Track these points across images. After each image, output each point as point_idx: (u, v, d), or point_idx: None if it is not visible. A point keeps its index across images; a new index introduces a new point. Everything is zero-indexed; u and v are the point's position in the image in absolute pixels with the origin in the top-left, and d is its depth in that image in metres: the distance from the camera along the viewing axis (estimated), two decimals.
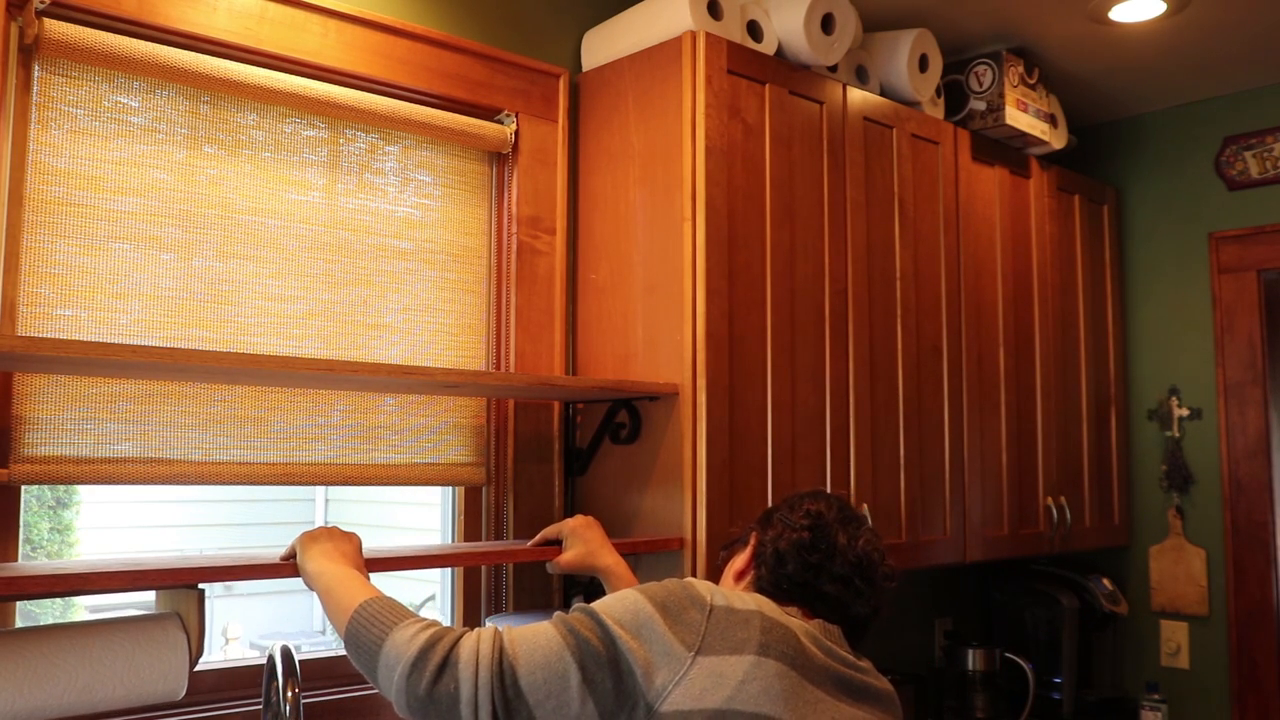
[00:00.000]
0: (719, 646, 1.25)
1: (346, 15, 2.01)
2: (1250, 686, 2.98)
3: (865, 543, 1.45)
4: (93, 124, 1.75)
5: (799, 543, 1.44)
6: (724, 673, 1.23)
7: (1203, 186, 3.18)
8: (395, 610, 1.33)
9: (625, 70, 2.26)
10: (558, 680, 1.23)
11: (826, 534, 1.44)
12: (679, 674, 1.23)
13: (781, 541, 1.45)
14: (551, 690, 1.23)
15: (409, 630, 1.28)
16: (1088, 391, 3.10)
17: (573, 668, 1.23)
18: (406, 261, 2.12)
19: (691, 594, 1.30)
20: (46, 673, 1.36)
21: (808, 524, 1.46)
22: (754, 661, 1.24)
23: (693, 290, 2.08)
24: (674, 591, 1.31)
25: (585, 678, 1.23)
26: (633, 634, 1.26)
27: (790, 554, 1.43)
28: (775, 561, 1.44)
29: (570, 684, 1.23)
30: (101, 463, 1.71)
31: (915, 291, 2.54)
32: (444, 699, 1.22)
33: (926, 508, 2.53)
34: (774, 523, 1.49)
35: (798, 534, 1.45)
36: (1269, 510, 2.99)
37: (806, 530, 1.45)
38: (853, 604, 1.42)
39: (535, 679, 1.23)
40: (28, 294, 1.67)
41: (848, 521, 1.48)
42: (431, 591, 4.45)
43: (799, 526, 1.46)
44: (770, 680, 1.24)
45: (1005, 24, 2.70)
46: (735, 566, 1.52)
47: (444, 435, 2.13)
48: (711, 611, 1.28)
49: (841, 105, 2.40)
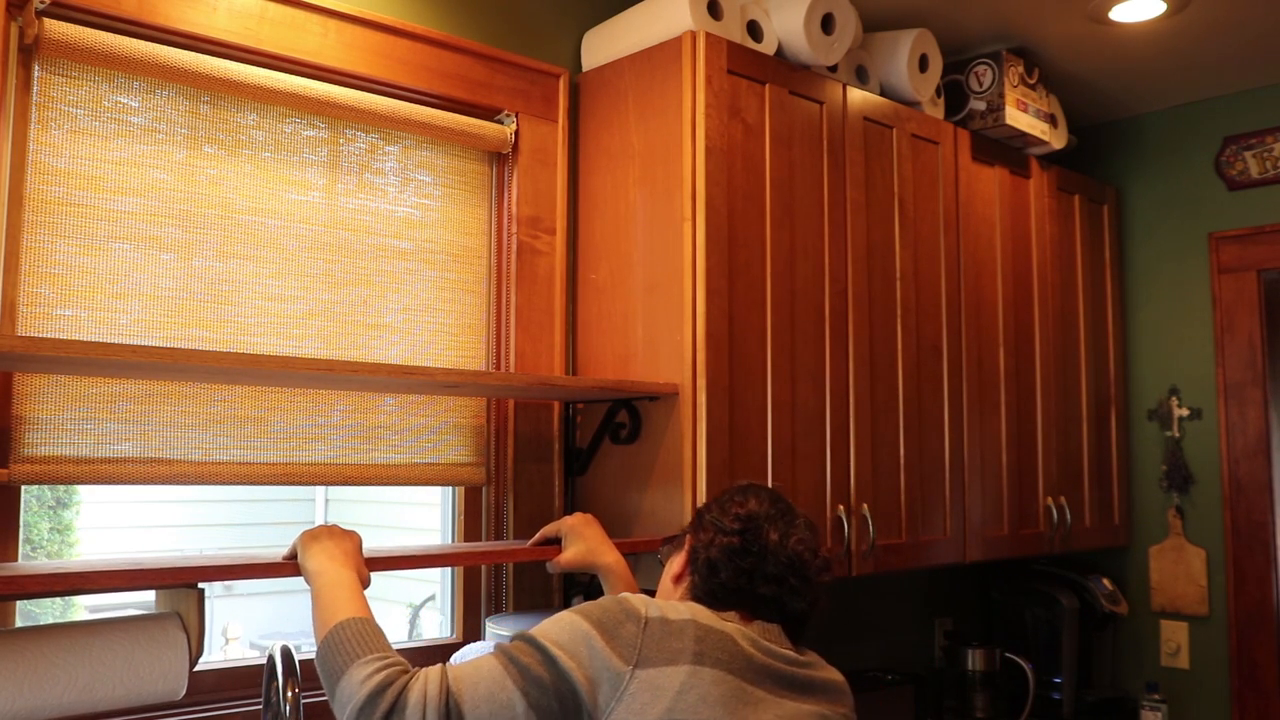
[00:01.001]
0: (655, 658, 1.28)
1: (346, 15, 2.01)
2: (1250, 686, 2.98)
3: (797, 540, 1.45)
4: (93, 124, 1.75)
5: (729, 548, 1.44)
6: (661, 684, 1.26)
7: (1203, 186, 3.18)
8: (362, 640, 1.34)
9: (625, 70, 2.26)
10: (504, 710, 1.26)
11: (757, 536, 1.44)
12: (620, 689, 1.26)
13: (713, 549, 1.45)
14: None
15: (364, 670, 1.29)
16: (1088, 391, 3.10)
17: (517, 697, 1.26)
18: (406, 261, 2.12)
19: (626, 609, 1.32)
20: (46, 672, 1.36)
21: (738, 528, 1.45)
22: (690, 670, 1.27)
23: (693, 290, 2.08)
24: (609, 609, 1.33)
25: (530, 704, 1.26)
26: (571, 655, 1.28)
27: (722, 561, 1.44)
28: (708, 570, 1.45)
29: (517, 711, 1.25)
30: (101, 463, 1.71)
31: (915, 291, 2.54)
32: None
33: (926, 508, 2.53)
34: (705, 525, 1.49)
35: (728, 539, 1.45)
36: (1269, 510, 2.99)
37: (737, 535, 1.45)
38: (789, 602, 1.43)
39: (480, 712, 1.25)
40: (28, 294, 1.67)
41: (779, 517, 1.47)
42: (431, 591, 4.45)
43: (729, 530, 1.46)
44: (707, 688, 1.27)
45: (1005, 24, 2.70)
46: (672, 570, 1.54)
47: (444, 435, 2.13)
48: (646, 624, 1.31)
49: (841, 105, 2.40)
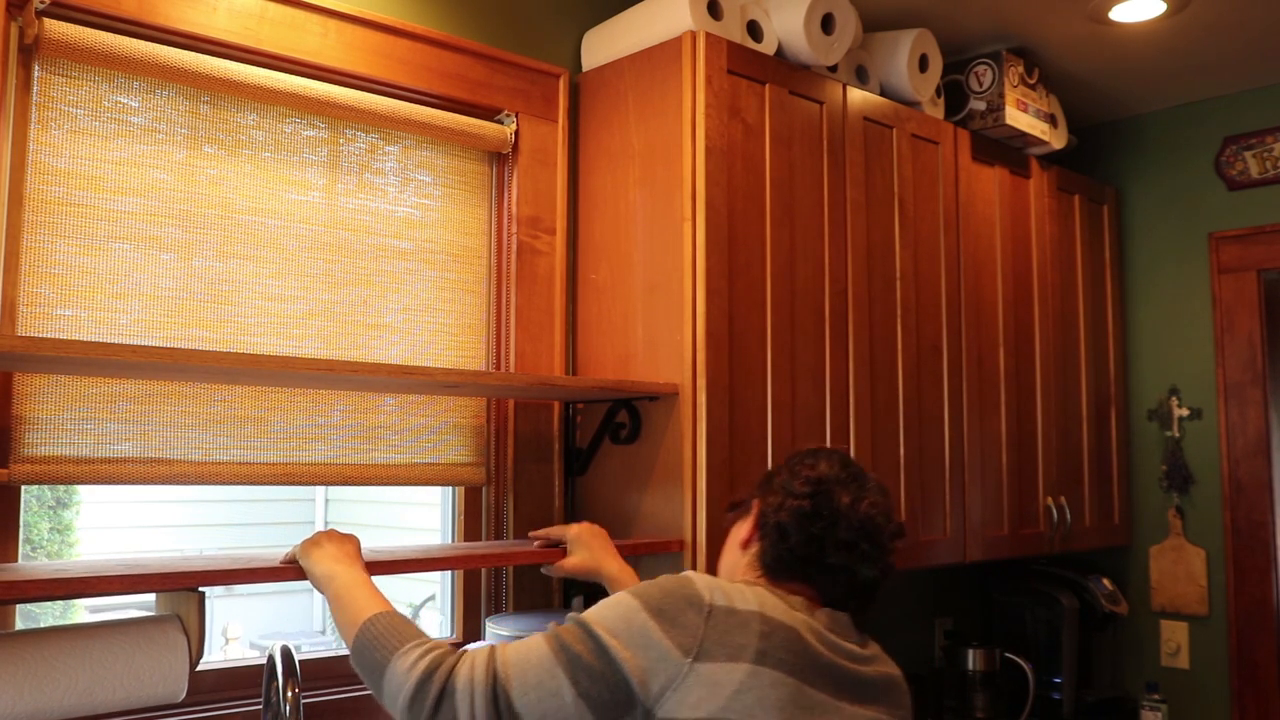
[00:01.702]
0: (716, 652, 1.23)
1: (346, 15, 2.01)
2: (1250, 686, 2.98)
3: (870, 504, 1.41)
4: (93, 124, 1.75)
5: (800, 512, 1.40)
6: (719, 681, 1.22)
7: (1203, 186, 3.18)
8: (397, 631, 1.33)
9: (625, 70, 2.26)
10: (552, 699, 1.23)
11: (829, 499, 1.40)
12: (675, 681, 1.22)
13: (783, 513, 1.41)
14: (547, 709, 1.23)
15: (409, 658, 1.28)
16: (1088, 391, 3.10)
17: (565, 684, 1.23)
18: (406, 261, 2.12)
19: (689, 595, 1.27)
20: (46, 675, 1.36)
21: (808, 490, 1.41)
22: (750, 671, 1.23)
23: (693, 290, 2.08)
24: (670, 592, 1.28)
25: (579, 692, 1.23)
26: (626, 644, 1.25)
27: (792, 526, 1.39)
28: (778, 535, 1.40)
29: (565, 700, 1.23)
30: (101, 463, 1.71)
31: (915, 291, 2.54)
32: None
33: (926, 508, 2.53)
34: (775, 488, 1.45)
35: (799, 502, 1.40)
36: (1269, 510, 2.99)
37: (807, 498, 1.40)
38: (860, 569, 1.39)
39: (529, 699, 1.24)
40: (28, 294, 1.67)
41: (850, 481, 1.43)
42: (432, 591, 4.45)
43: (800, 494, 1.41)
44: (765, 690, 1.22)
45: (1005, 24, 2.70)
46: (740, 535, 1.49)
47: (444, 435, 2.13)
48: (710, 613, 1.26)
49: (841, 105, 2.40)
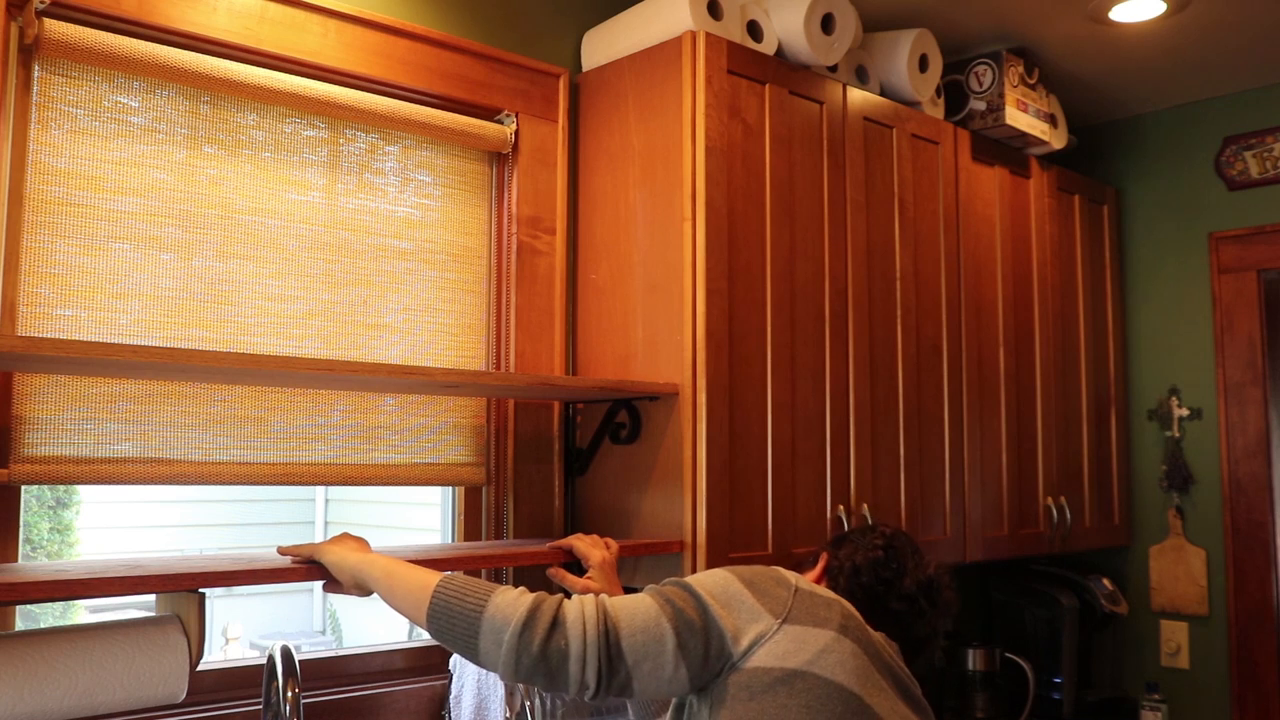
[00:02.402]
0: (804, 618, 1.36)
1: (346, 15, 2.01)
2: (1250, 686, 2.98)
3: (935, 569, 1.59)
4: (93, 124, 1.75)
5: (874, 560, 1.56)
6: (806, 640, 1.34)
7: (1203, 186, 3.18)
8: (482, 582, 1.38)
9: (625, 70, 2.26)
10: (655, 644, 1.32)
11: (899, 555, 1.57)
12: (766, 636, 1.34)
13: (858, 556, 1.57)
14: (649, 652, 1.32)
15: (510, 595, 1.34)
16: (1088, 391, 3.10)
17: (669, 633, 1.33)
18: (406, 261, 2.12)
19: (777, 576, 1.42)
20: (47, 676, 1.36)
21: (882, 544, 1.58)
22: (834, 637, 1.35)
23: (693, 290, 2.08)
24: (760, 572, 1.42)
25: (680, 643, 1.33)
26: (723, 605, 1.36)
27: (865, 567, 1.55)
28: (852, 572, 1.55)
29: (666, 648, 1.32)
30: (101, 463, 1.71)
31: (915, 291, 2.54)
32: (555, 655, 1.30)
33: (926, 508, 2.53)
34: (848, 542, 1.61)
35: (873, 553, 1.57)
36: (1269, 510, 2.99)
37: (881, 550, 1.57)
38: (914, 624, 1.54)
39: (635, 641, 1.32)
40: (28, 294, 1.67)
41: (916, 551, 1.61)
42: None
43: (874, 546, 1.58)
44: (846, 656, 1.34)
45: (1005, 24, 2.70)
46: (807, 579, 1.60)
47: (444, 435, 2.13)
48: (797, 591, 1.39)
49: (841, 105, 2.40)
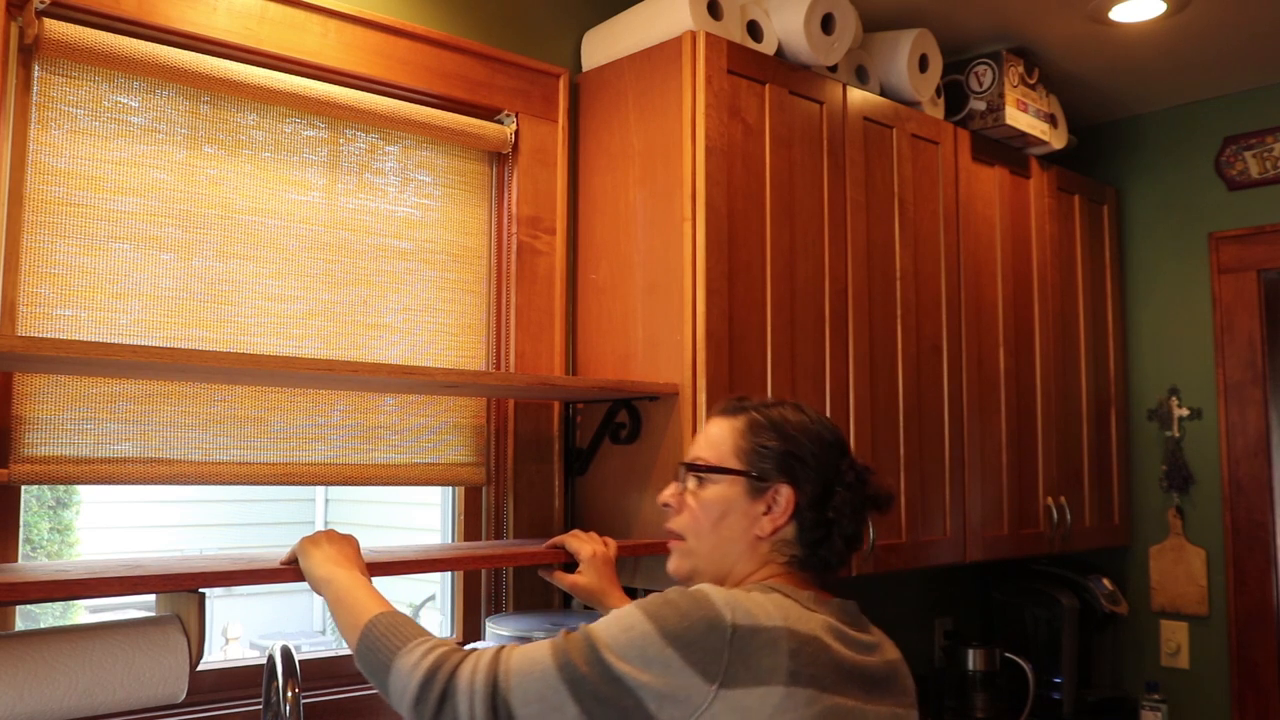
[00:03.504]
0: (745, 677, 1.14)
1: (346, 15, 2.01)
2: (1250, 686, 2.98)
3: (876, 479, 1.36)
4: (93, 124, 1.75)
5: (855, 507, 1.33)
6: (750, 707, 1.14)
7: (1203, 186, 3.18)
8: (399, 630, 1.31)
9: (625, 70, 2.26)
10: (554, 713, 1.18)
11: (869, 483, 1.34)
12: (699, 708, 1.14)
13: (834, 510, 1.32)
14: None
15: (412, 657, 1.27)
16: (1088, 391, 3.10)
17: (569, 701, 1.18)
18: (406, 261, 2.12)
19: (708, 617, 1.17)
20: (47, 676, 1.36)
21: (855, 479, 1.34)
22: (784, 693, 1.15)
23: (693, 290, 2.08)
24: (687, 614, 1.18)
25: (584, 710, 1.18)
26: (642, 667, 1.16)
27: (849, 523, 1.32)
28: (826, 534, 1.32)
29: (568, 716, 1.18)
30: (101, 463, 1.71)
31: (915, 291, 2.54)
32: None
33: (926, 508, 2.53)
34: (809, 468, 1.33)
35: (849, 494, 1.33)
36: (1269, 510, 2.99)
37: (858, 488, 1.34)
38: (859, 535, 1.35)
39: (530, 711, 1.19)
40: (28, 294, 1.67)
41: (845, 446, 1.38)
42: (432, 592, 4.45)
43: (849, 483, 1.33)
44: (801, 711, 1.15)
45: (1005, 24, 2.70)
46: (762, 523, 1.35)
47: (444, 435, 2.13)
48: (733, 635, 1.16)
49: (841, 105, 2.40)
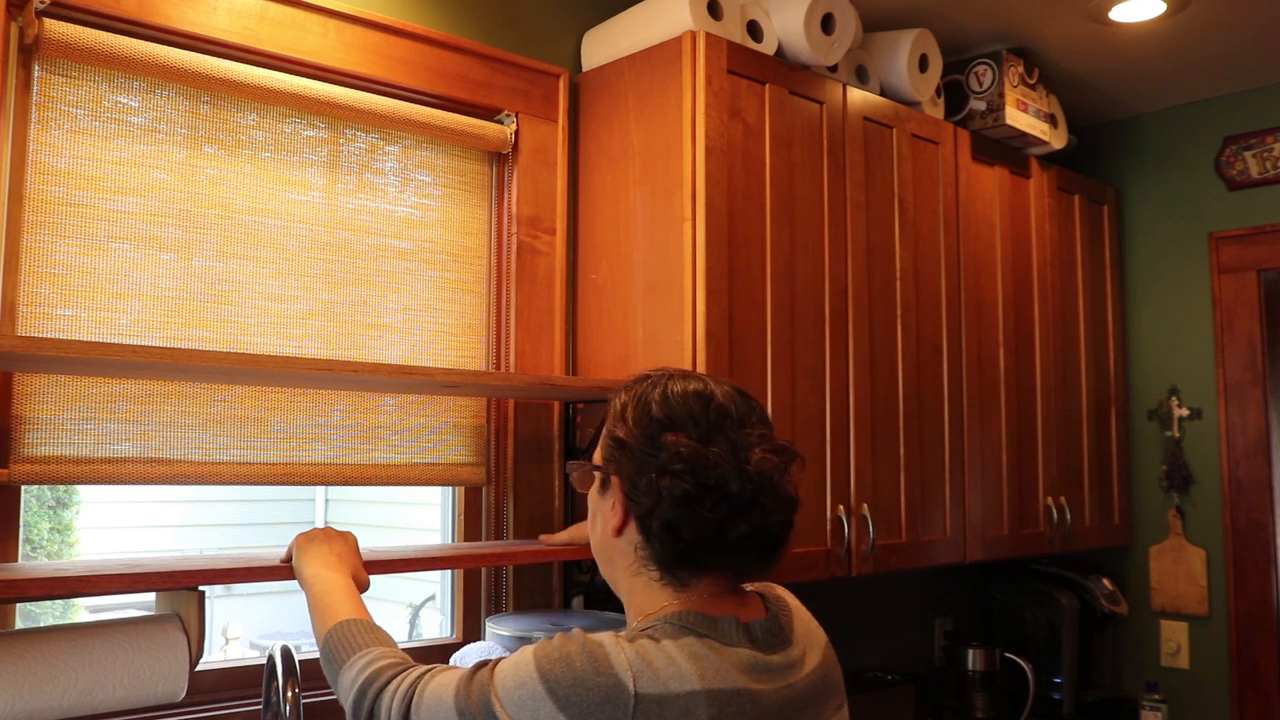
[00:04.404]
0: None
1: (346, 15, 2.01)
2: (1250, 686, 2.98)
3: (759, 458, 1.14)
4: (93, 124, 1.75)
5: (683, 498, 1.11)
6: None
7: (1203, 186, 3.18)
8: (350, 641, 1.30)
9: (625, 70, 2.26)
10: None
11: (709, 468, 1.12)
12: None
13: (664, 505, 1.12)
14: None
15: (352, 672, 1.26)
16: (1088, 391, 3.10)
17: None
18: (406, 261, 2.12)
19: (605, 684, 1.03)
20: (47, 674, 1.36)
21: (682, 467, 1.12)
22: None
23: (693, 290, 2.08)
24: (581, 679, 1.04)
25: None
26: None
27: (681, 520, 1.12)
28: (667, 536, 1.14)
29: None
30: (101, 463, 1.71)
31: (915, 291, 2.54)
32: None
33: (926, 508, 2.53)
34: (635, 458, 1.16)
35: (676, 482, 1.12)
36: (1269, 510, 2.99)
37: (685, 475, 1.12)
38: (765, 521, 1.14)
39: None
40: (28, 294, 1.67)
41: (722, 423, 1.16)
42: (432, 591, 4.44)
43: (673, 471, 1.12)
44: None
45: (1005, 24, 2.70)
46: (610, 522, 1.21)
47: (444, 435, 2.13)
48: (637, 706, 1.01)
49: (841, 105, 2.40)
